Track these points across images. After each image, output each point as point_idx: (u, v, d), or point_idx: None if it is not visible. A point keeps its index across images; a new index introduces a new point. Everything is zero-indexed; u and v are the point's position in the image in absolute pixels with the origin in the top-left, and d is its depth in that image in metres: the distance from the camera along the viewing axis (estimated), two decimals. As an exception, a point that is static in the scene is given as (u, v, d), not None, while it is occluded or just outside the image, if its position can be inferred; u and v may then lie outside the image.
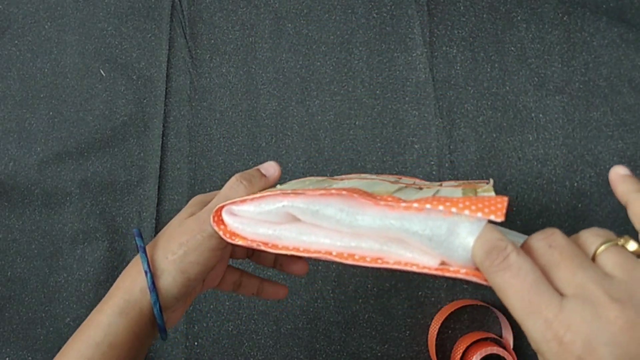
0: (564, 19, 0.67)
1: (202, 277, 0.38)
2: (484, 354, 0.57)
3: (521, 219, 0.65)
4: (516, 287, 0.28)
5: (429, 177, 0.65)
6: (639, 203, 0.34)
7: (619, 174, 0.37)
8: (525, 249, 0.30)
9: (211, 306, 0.65)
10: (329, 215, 0.35)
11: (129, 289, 0.37)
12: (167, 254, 0.37)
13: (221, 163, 0.67)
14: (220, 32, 0.70)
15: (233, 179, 0.40)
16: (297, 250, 0.36)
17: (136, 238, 0.38)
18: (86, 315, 0.67)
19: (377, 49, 0.68)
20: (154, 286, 0.36)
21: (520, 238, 0.38)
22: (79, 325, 0.67)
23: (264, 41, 0.69)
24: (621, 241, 0.30)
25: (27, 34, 0.71)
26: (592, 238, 0.30)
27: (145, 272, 0.36)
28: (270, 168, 0.42)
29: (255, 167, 0.42)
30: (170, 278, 0.37)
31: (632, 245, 0.30)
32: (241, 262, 0.58)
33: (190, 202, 0.42)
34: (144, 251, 0.37)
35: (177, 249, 0.37)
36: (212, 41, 0.69)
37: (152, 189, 0.67)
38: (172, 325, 0.40)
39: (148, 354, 0.64)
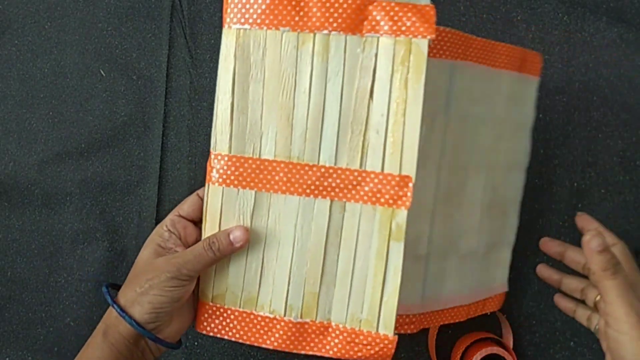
0: (564, 19, 0.67)
1: (167, 306, 0.43)
2: (484, 354, 0.57)
3: (521, 219, 0.65)
4: None
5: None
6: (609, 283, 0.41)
7: (593, 248, 0.42)
8: None
9: (211, 306, 0.65)
10: None
11: (108, 317, 0.44)
12: (136, 287, 0.43)
13: (221, 163, 0.67)
14: (220, 32, 0.69)
15: (200, 245, 0.45)
16: None
17: (105, 296, 0.45)
18: (86, 315, 0.67)
19: (377, 49, 0.68)
20: (124, 312, 0.43)
21: None
22: (79, 325, 0.67)
23: (264, 41, 0.69)
24: None
25: (27, 34, 0.71)
26: None
27: (113, 306, 0.44)
28: (239, 234, 0.45)
29: (225, 231, 0.45)
30: (138, 307, 0.43)
31: None
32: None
33: (148, 239, 0.47)
34: (112, 299, 0.44)
35: (144, 284, 0.43)
36: (212, 41, 0.69)
37: (152, 189, 0.67)
38: (175, 338, 0.46)
39: (148, 354, 0.64)
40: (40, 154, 0.68)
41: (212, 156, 0.47)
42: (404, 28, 0.42)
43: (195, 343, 0.64)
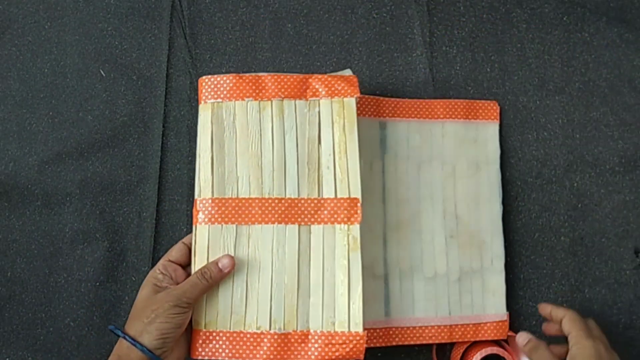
0: (564, 19, 0.67)
1: (172, 331, 0.50)
2: (484, 354, 0.58)
3: (521, 219, 0.65)
4: None
5: (429, 177, 0.65)
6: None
7: (521, 344, 0.54)
8: None
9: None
10: None
11: (119, 348, 0.50)
12: (143, 319, 0.50)
13: (221, 163, 0.67)
14: (220, 32, 0.70)
15: (194, 276, 0.52)
16: None
17: (115, 331, 0.51)
18: (86, 315, 0.67)
19: (377, 49, 0.68)
20: (135, 341, 0.49)
21: None
22: (79, 325, 0.67)
23: (264, 41, 0.69)
24: None
25: (27, 34, 0.71)
26: None
27: (125, 338, 0.50)
28: (226, 261, 0.53)
29: (213, 261, 0.54)
30: (147, 335, 0.49)
31: None
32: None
33: (145, 281, 0.53)
34: (123, 332, 0.50)
35: (150, 314, 0.50)
36: (212, 41, 0.69)
37: (152, 189, 0.67)
38: None
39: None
40: (40, 154, 0.68)
41: (197, 202, 0.55)
42: (336, 91, 0.57)
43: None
